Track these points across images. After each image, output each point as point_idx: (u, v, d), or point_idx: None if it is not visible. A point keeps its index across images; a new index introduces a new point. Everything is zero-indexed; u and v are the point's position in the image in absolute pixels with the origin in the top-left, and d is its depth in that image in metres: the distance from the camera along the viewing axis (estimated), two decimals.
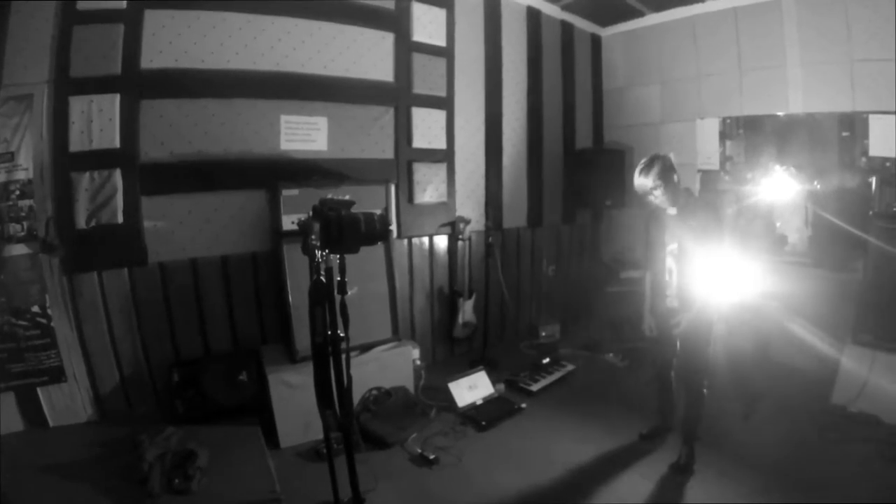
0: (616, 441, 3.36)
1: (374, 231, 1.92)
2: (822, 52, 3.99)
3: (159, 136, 3.11)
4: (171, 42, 3.08)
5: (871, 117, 3.78)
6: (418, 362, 3.98)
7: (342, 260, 1.88)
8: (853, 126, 4.05)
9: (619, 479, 2.98)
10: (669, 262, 3.03)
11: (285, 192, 3.44)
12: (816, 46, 4.02)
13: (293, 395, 3.14)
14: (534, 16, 4.96)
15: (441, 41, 4.25)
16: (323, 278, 1.90)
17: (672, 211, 2.97)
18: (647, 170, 2.86)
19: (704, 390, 3.02)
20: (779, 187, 4.41)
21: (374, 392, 3.53)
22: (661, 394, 3.41)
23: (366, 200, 3.72)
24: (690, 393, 3.04)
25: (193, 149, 3.21)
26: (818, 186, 4.35)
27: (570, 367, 4.43)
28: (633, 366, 4.55)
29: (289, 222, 3.38)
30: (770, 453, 3.18)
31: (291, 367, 3.23)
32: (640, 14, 5.05)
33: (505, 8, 4.72)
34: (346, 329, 1.91)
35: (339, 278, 1.89)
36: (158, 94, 3.08)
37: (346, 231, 1.84)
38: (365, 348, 3.57)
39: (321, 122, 3.75)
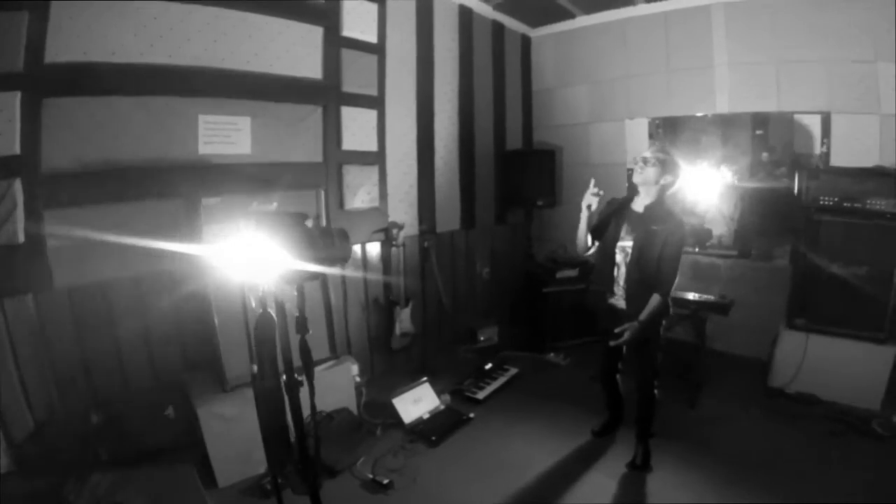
0: (571, 441, 3.39)
1: (334, 252, 1.59)
2: (748, 55, 4.22)
3: (64, 140, 2.63)
4: (80, 33, 2.61)
5: (797, 116, 4.04)
6: (358, 379, 3.76)
7: (301, 293, 1.56)
8: (766, 125, 4.36)
9: (581, 482, 2.99)
10: (619, 259, 3.00)
11: (205, 201, 3.12)
12: (743, 50, 4.25)
13: (227, 428, 2.83)
14: (465, 14, 4.85)
15: (372, 37, 4.02)
16: (273, 313, 1.56)
17: (639, 208, 2.97)
18: (658, 147, 2.99)
19: (656, 391, 3.07)
20: (700, 183, 4.63)
21: (318, 415, 3.28)
22: (606, 393, 3.44)
23: (295, 208, 3.47)
24: (643, 396, 3.09)
25: (102, 153, 2.75)
26: (736, 181, 4.63)
27: (513, 371, 4.41)
28: (574, 363, 4.61)
29: (210, 234, 3.08)
30: (722, 440, 3.34)
31: (223, 396, 2.90)
32: (572, 16, 5.09)
33: (437, 5, 4.57)
34: (309, 377, 1.59)
35: (297, 314, 1.56)
36: (64, 92, 2.60)
37: (305, 252, 1.50)
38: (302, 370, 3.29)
39: (243, 123, 3.39)
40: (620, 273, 3.01)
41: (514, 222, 5.72)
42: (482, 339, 5.07)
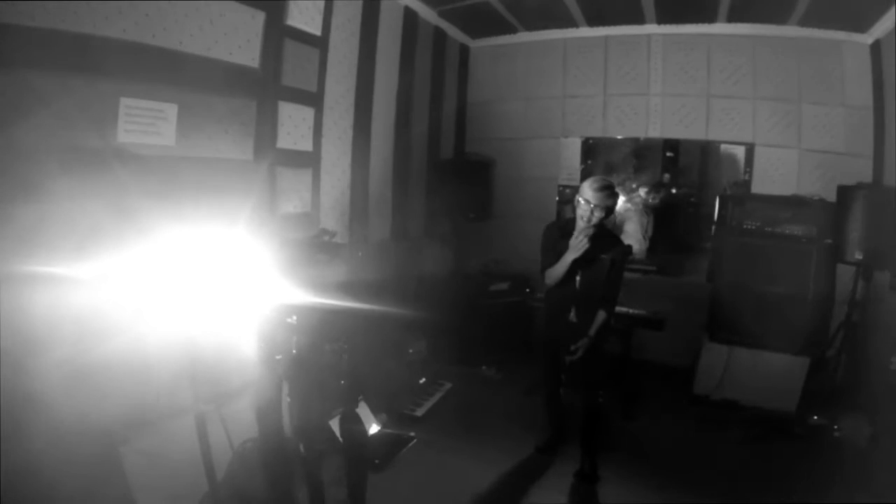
0: (516, 458, 3.37)
1: None
2: (681, 86, 4.51)
3: None
4: None
5: (723, 146, 4.36)
6: (289, 399, 3.44)
7: None
8: (677, 148, 4.71)
9: (533, 498, 3.00)
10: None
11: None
12: (677, 81, 4.54)
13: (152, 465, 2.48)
14: (410, 17, 4.68)
15: (317, 29, 3.72)
16: None
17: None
18: (606, 191, 2.96)
19: (601, 400, 3.21)
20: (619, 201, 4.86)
21: (249, 444, 2.93)
22: (550, 409, 3.49)
23: (225, 210, 3.16)
24: (591, 408, 3.17)
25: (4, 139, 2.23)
26: (651, 201, 4.93)
27: (448, 385, 4.33)
28: (508, 377, 4.61)
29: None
30: (657, 447, 3.53)
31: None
32: (514, 30, 5.13)
33: (384, 4, 4.35)
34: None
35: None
36: None
37: None
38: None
39: (170, 111, 2.94)
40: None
41: (445, 234, 5.57)
42: (411, 351, 4.89)
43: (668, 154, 4.84)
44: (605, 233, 3.13)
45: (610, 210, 3.00)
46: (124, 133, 2.74)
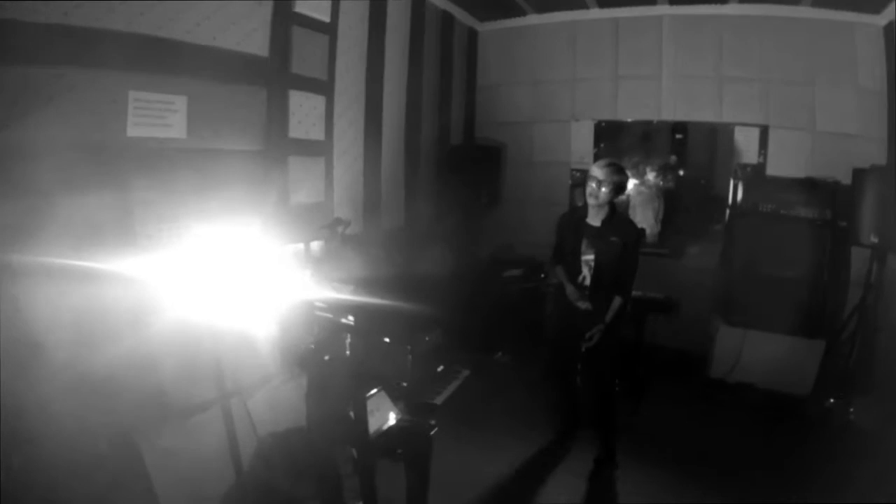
0: (532, 448, 3.41)
1: None
2: (694, 67, 4.46)
3: None
4: None
5: (737, 128, 4.34)
6: (336, 402, 3.45)
7: None
8: (686, 130, 4.69)
9: (550, 485, 3.08)
10: (585, 271, 3.14)
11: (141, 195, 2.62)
12: (689, 62, 4.49)
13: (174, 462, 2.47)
14: (418, 1, 4.61)
15: (325, 15, 3.66)
16: None
17: (595, 222, 3.09)
18: (612, 167, 2.98)
19: (617, 388, 3.29)
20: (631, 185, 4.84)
21: (271, 438, 2.98)
22: (565, 398, 3.53)
23: (238, 202, 3.15)
24: (606, 395, 3.21)
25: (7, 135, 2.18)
26: (661, 183, 4.93)
27: (465, 373, 4.33)
28: (522, 364, 4.63)
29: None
30: (673, 432, 3.58)
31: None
32: (523, 13, 5.06)
33: None
34: None
35: None
36: None
37: None
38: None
39: (179, 102, 2.89)
40: (586, 281, 3.16)
41: (458, 220, 5.52)
42: (427, 339, 4.89)
43: (677, 136, 4.83)
44: (618, 216, 3.13)
45: (618, 187, 3.00)
46: (134, 126, 2.70)
